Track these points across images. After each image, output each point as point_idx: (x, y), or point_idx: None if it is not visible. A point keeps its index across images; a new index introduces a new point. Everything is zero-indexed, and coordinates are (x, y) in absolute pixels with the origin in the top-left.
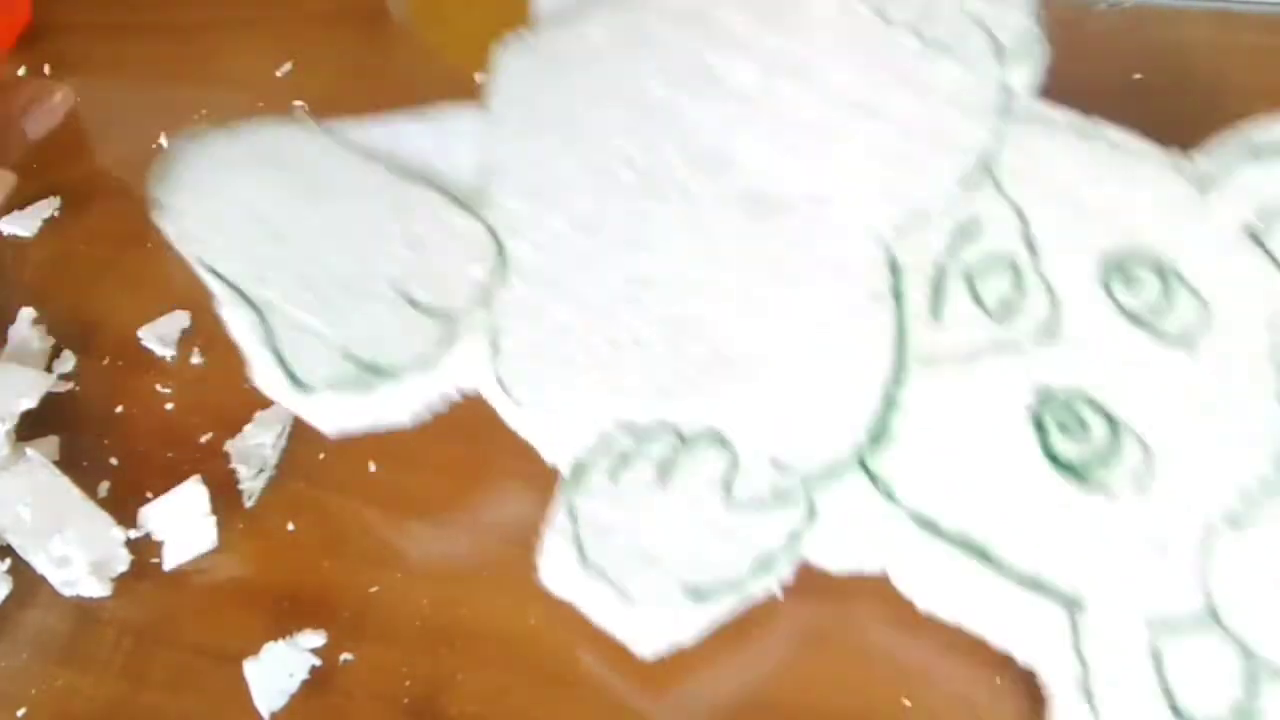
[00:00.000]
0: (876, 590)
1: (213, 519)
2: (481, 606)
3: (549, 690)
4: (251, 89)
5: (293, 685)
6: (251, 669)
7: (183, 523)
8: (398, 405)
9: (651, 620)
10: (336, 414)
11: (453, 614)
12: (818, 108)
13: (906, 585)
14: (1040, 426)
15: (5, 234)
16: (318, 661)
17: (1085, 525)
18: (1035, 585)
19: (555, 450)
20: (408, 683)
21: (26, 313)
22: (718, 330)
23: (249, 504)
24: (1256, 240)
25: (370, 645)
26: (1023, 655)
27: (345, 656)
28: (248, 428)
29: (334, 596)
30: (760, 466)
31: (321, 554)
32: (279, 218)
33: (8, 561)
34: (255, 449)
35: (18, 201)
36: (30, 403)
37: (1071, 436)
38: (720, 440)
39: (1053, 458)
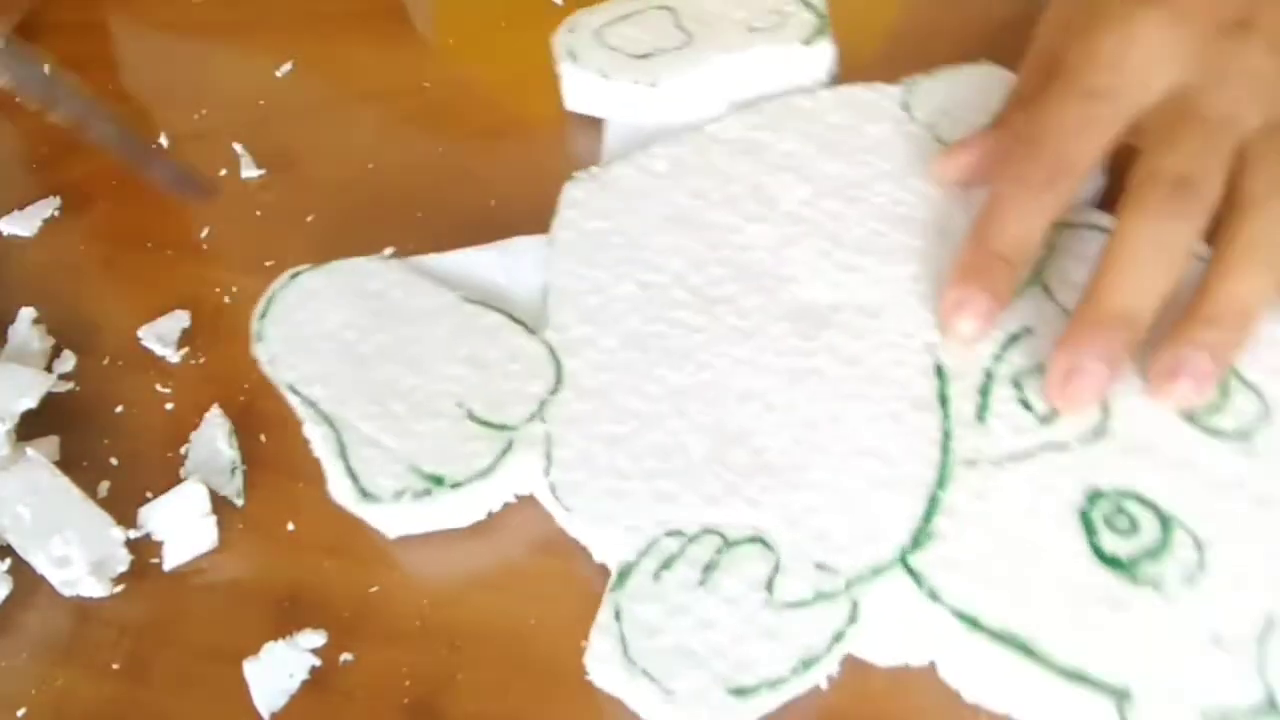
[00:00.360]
0: (924, 681)
1: (213, 519)
2: (481, 606)
3: (549, 690)
4: (251, 89)
5: (293, 685)
6: (251, 669)
7: (183, 523)
8: (456, 514)
9: (695, 718)
10: (400, 520)
11: (453, 614)
12: (869, 224)
13: (953, 676)
14: (1089, 525)
15: (5, 234)
16: (318, 661)
17: (1133, 619)
18: (1080, 678)
19: (603, 552)
20: (408, 683)
21: (26, 313)
22: (762, 439)
23: (240, 502)
24: None
25: (370, 645)
26: None
27: (345, 656)
28: (193, 436)
29: (334, 596)
30: (803, 568)
31: (321, 554)
32: (359, 344)
33: (8, 561)
34: (212, 456)
35: (17, 201)
36: (30, 403)
37: (1121, 534)
38: (763, 542)
39: (1100, 555)
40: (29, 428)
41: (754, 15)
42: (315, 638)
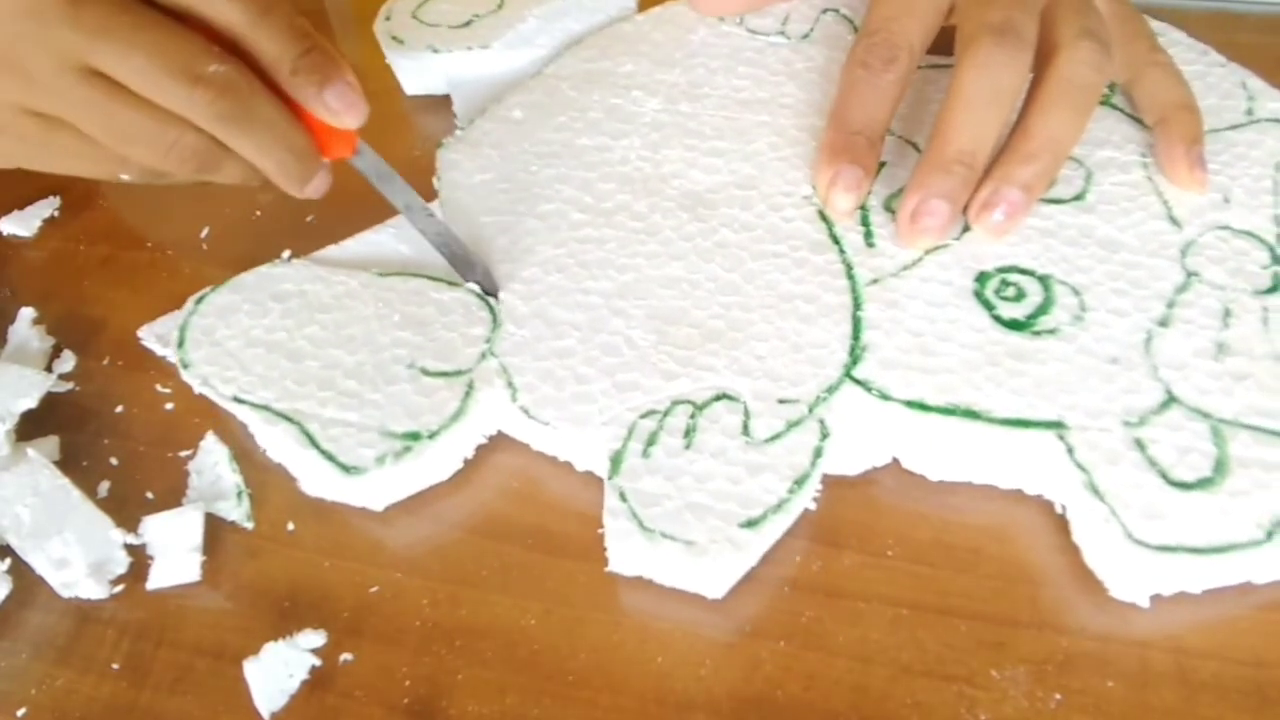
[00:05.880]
0: (892, 478)
1: (199, 556)
2: (481, 606)
3: (549, 690)
4: None
5: (293, 685)
6: (251, 669)
7: (173, 549)
8: (437, 466)
9: (718, 561)
10: (385, 488)
11: (453, 614)
12: (720, 114)
13: (916, 463)
14: (985, 302)
15: (5, 234)
16: (318, 661)
17: (1045, 364)
18: (1021, 424)
19: (588, 456)
20: (408, 683)
21: (26, 313)
22: (697, 313)
23: (250, 525)
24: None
25: (370, 645)
26: (1031, 486)
27: (345, 656)
28: (191, 465)
29: (334, 596)
30: (769, 407)
31: (321, 554)
32: (291, 341)
33: (8, 562)
34: (215, 483)
35: (17, 201)
36: (30, 403)
37: (1012, 301)
38: (728, 397)
39: (1002, 322)
40: (29, 428)
41: None
42: (315, 638)
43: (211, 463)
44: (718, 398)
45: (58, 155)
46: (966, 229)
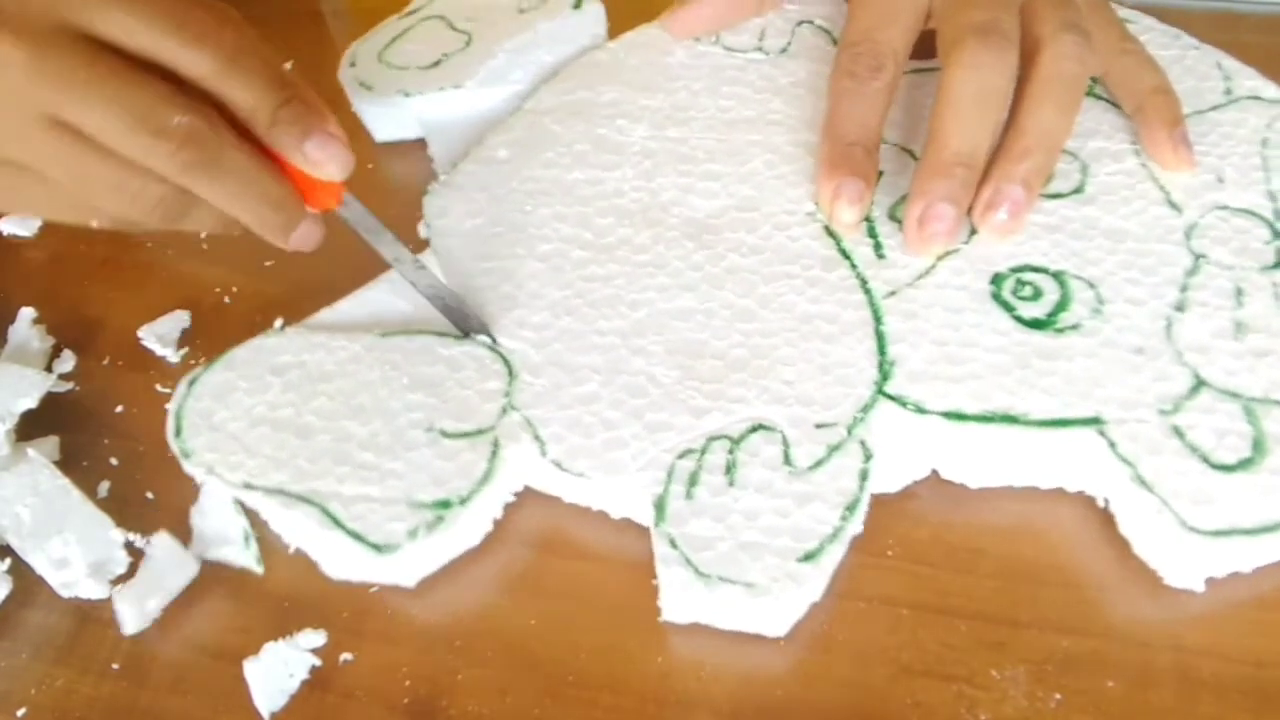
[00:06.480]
0: (933, 490)
1: (158, 609)
2: (482, 607)
3: (549, 690)
4: None
5: (293, 685)
6: (251, 669)
7: (142, 597)
8: (469, 532)
9: (780, 600)
10: (417, 563)
11: (453, 614)
12: (709, 136)
13: (955, 473)
14: (1004, 303)
15: (5, 234)
16: (317, 661)
17: (1073, 360)
18: (1059, 424)
19: (626, 503)
20: (408, 683)
21: (26, 313)
22: (717, 344)
23: (260, 570)
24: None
25: (370, 645)
26: (1072, 484)
27: (345, 656)
28: (193, 509)
29: (334, 596)
30: (807, 433)
31: None
32: (298, 417)
33: (8, 562)
34: (221, 530)
35: None
36: (30, 403)
37: (1030, 300)
38: (764, 427)
39: (1024, 322)
40: (29, 428)
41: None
42: (315, 638)
43: (214, 505)
44: (753, 429)
45: (27, 202)
46: (974, 232)
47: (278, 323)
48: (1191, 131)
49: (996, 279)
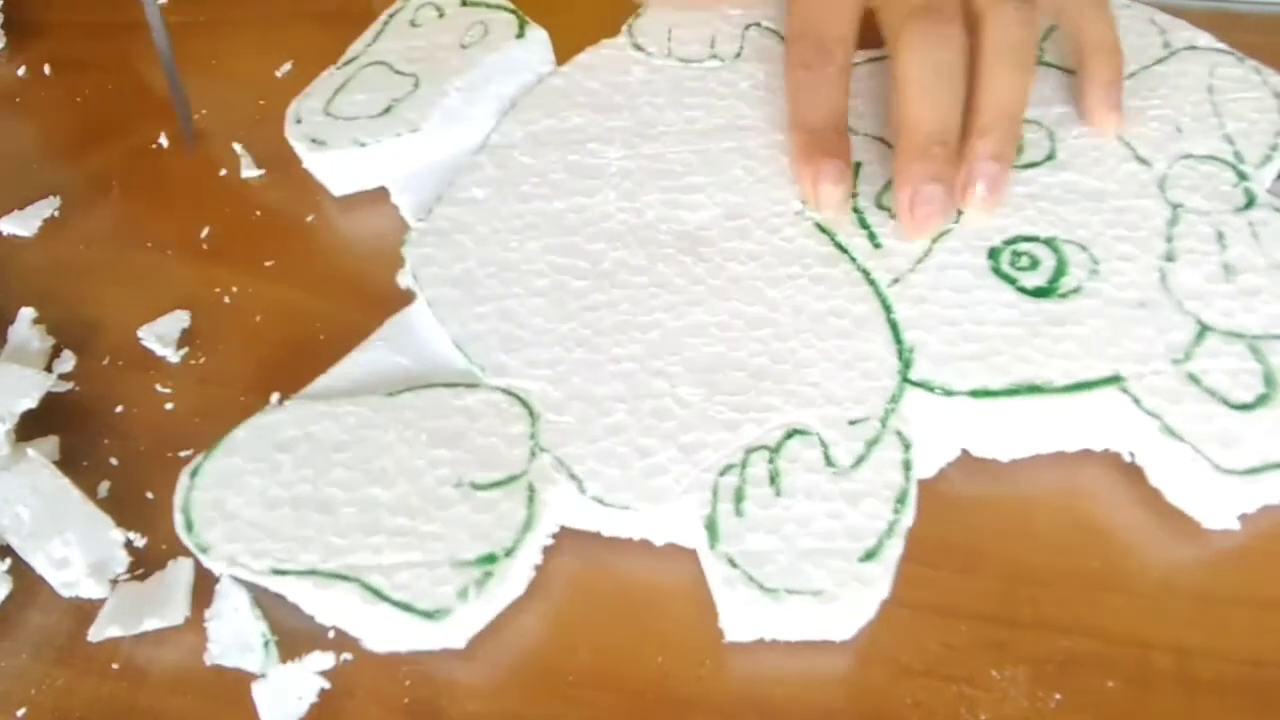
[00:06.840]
0: (966, 469)
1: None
2: None
3: (549, 690)
4: (251, 89)
5: (301, 709)
6: (260, 692)
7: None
8: (513, 583)
9: (850, 603)
10: (466, 622)
11: None
12: (684, 149)
13: (986, 449)
14: (1005, 276)
15: (5, 234)
16: (327, 685)
17: (1081, 323)
18: (1082, 387)
19: (672, 530)
20: (408, 683)
21: (26, 313)
22: (736, 355)
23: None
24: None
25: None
26: (1099, 443)
27: (345, 656)
28: (208, 613)
29: None
30: (843, 431)
31: None
32: (317, 491)
33: (8, 562)
34: (237, 634)
35: (17, 201)
36: (30, 403)
37: (1029, 270)
38: (799, 432)
39: (1026, 291)
40: (29, 428)
41: (458, 36)
42: (324, 659)
43: (230, 608)
44: (789, 435)
45: None
46: (960, 212)
47: (274, 397)
48: (1141, 86)
49: (993, 253)
